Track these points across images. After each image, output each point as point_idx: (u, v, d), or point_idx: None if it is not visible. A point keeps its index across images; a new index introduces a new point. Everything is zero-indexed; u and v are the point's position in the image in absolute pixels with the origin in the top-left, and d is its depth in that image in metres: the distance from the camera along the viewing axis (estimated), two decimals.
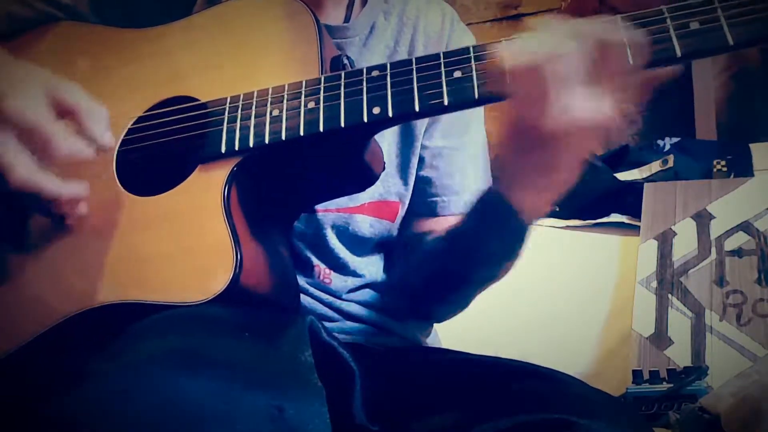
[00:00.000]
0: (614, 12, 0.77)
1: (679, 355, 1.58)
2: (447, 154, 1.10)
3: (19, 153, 0.78)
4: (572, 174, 0.83)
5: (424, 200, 1.10)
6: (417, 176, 1.10)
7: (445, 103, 0.80)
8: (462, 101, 0.81)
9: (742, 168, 2.02)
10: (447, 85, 0.81)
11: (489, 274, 1.00)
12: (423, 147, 1.10)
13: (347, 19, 1.08)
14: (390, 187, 1.08)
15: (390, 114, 0.81)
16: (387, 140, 1.07)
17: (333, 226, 1.04)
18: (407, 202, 1.10)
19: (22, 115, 0.79)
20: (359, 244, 1.07)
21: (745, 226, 1.79)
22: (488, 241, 0.94)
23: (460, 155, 1.12)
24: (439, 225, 1.09)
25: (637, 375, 1.44)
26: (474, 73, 0.80)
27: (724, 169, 2.04)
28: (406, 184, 1.09)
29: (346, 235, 1.05)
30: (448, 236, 1.01)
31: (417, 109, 0.81)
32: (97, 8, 1.04)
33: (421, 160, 1.10)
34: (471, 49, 0.82)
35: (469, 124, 1.12)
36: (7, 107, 0.78)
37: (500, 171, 0.88)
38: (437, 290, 1.05)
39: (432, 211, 1.10)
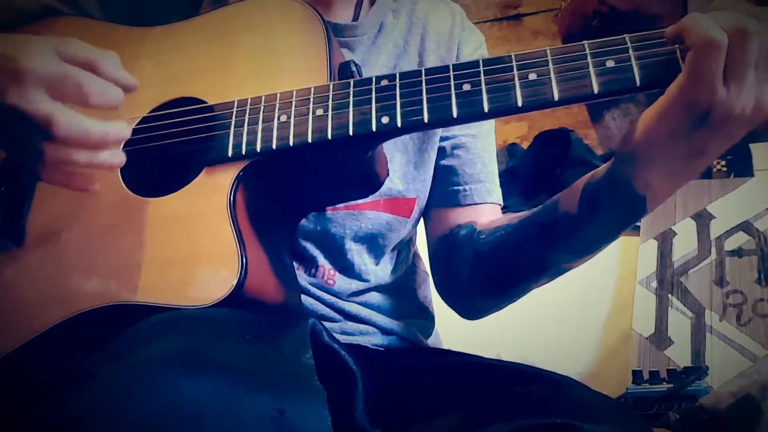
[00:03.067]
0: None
1: (679, 355, 1.58)
2: (467, 142, 1.10)
3: (55, 104, 0.77)
4: (709, 163, 0.81)
5: (446, 189, 1.10)
6: (438, 166, 1.10)
7: (454, 115, 0.80)
8: (471, 114, 0.80)
9: (742, 168, 2.02)
10: (456, 98, 0.80)
11: (566, 266, 0.95)
12: (442, 138, 1.09)
13: (356, 18, 1.07)
14: (408, 184, 1.07)
15: (399, 124, 0.81)
16: (405, 137, 1.06)
17: (346, 226, 1.03)
18: (424, 197, 1.10)
19: (45, 68, 0.77)
20: (374, 245, 1.07)
21: (745, 226, 1.79)
22: (595, 229, 0.89)
23: (479, 143, 1.12)
24: (466, 216, 1.08)
25: (637, 375, 1.44)
26: (483, 86, 0.80)
27: (724, 169, 2.04)
28: (423, 179, 1.09)
29: (360, 235, 1.05)
30: (536, 224, 0.96)
31: (426, 120, 0.81)
32: (104, 4, 1.04)
33: (442, 150, 1.10)
34: (480, 62, 0.81)
35: None
36: (26, 65, 0.77)
37: (637, 155, 0.81)
38: (499, 283, 1.02)
39: (455, 201, 1.10)
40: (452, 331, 1.31)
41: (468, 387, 0.92)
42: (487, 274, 1.02)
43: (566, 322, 1.81)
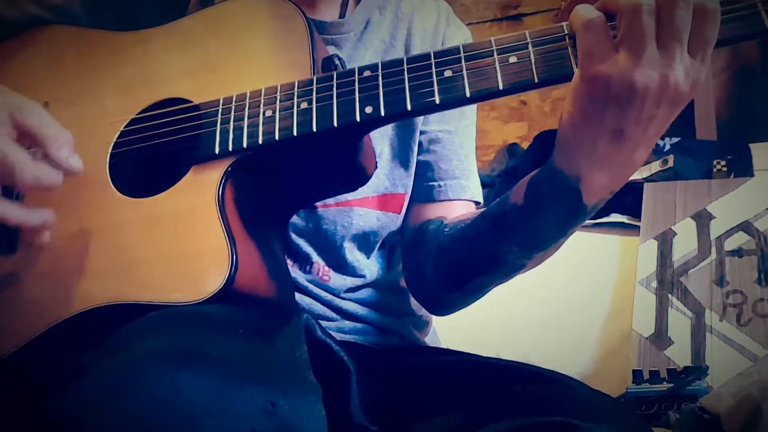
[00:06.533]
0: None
1: (679, 355, 1.58)
2: (443, 138, 1.10)
3: None
4: (645, 152, 0.80)
5: (422, 185, 1.10)
6: (416, 161, 1.10)
7: (437, 101, 0.80)
8: (453, 100, 0.80)
9: (742, 168, 2.02)
10: (438, 84, 0.80)
11: (520, 261, 0.94)
12: (421, 132, 1.09)
13: (342, 15, 1.08)
14: (396, 180, 1.08)
15: (382, 113, 0.81)
16: (389, 132, 1.07)
17: (337, 223, 1.03)
18: (410, 191, 1.10)
19: None
20: (365, 241, 1.07)
21: (745, 226, 1.79)
22: (541, 222, 0.88)
23: (456, 139, 1.11)
24: (438, 212, 1.08)
25: (637, 375, 1.44)
26: (464, 72, 0.80)
27: (724, 169, 2.04)
28: (409, 174, 1.09)
29: (352, 232, 1.04)
30: (489, 217, 0.96)
31: (409, 108, 0.81)
32: (91, 10, 1.04)
33: (420, 145, 1.10)
34: (461, 48, 0.81)
35: (463, 112, 1.12)
36: None
37: (563, 143, 0.81)
38: (458, 277, 1.01)
39: (429, 196, 1.09)
40: (451, 330, 1.31)
41: (467, 386, 0.92)
42: (447, 268, 1.01)
43: (566, 322, 1.81)
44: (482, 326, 1.64)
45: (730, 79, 2.51)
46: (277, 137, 0.84)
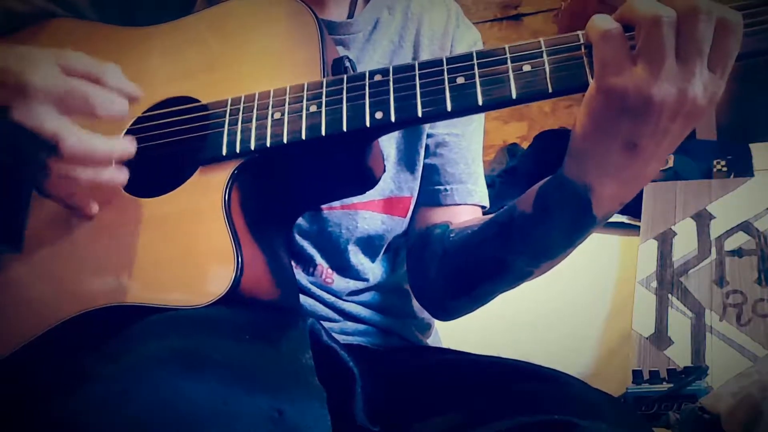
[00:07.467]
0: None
1: (679, 355, 1.58)
2: (451, 142, 1.10)
3: (62, 119, 0.77)
4: (658, 165, 0.79)
5: (427, 188, 1.09)
6: (423, 164, 1.09)
7: (448, 108, 0.79)
8: (465, 107, 0.79)
9: (742, 168, 2.02)
10: (450, 91, 0.79)
11: (528, 269, 0.94)
12: (428, 136, 1.09)
13: (351, 15, 1.07)
14: (401, 183, 1.07)
15: (393, 119, 0.81)
16: (396, 135, 1.06)
17: (342, 225, 1.03)
18: (416, 194, 1.10)
19: (51, 82, 0.77)
20: (370, 245, 1.07)
21: (745, 226, 1.79)
22: (549, 230, 0.87)
23: (463, 143, 1.11)
24: (444, 216, 1.08)
25: (637, 375, 1.44)
26: (477, 79, 0.79)
27: (724, 169, 2.05)
28: (415, 177, 1.08)
29: (356, 235, 1.04)
30: (496, 224, 0.95)
31: (420, 114, 0.80)
32: (97, 4, 1.04)
33: (426, 148, 1.09)
34: (474, 54, 0.80)
35: (471, 116, 1.12)
36: (31, 79, 0.77)
37: (574, 152, 0.81)
38: (463, 284, 1.01)
39: (435, 200, 1.09)
40: (452, 330, 1.31)
41: (467, 385, 0.92)
42: (452, 274, 1.01)
43: (566, 322, 1.81)
44: (483, 326, 1.64)
45: (730, 80, 2.51)
46: (285, 140, 0.83)
